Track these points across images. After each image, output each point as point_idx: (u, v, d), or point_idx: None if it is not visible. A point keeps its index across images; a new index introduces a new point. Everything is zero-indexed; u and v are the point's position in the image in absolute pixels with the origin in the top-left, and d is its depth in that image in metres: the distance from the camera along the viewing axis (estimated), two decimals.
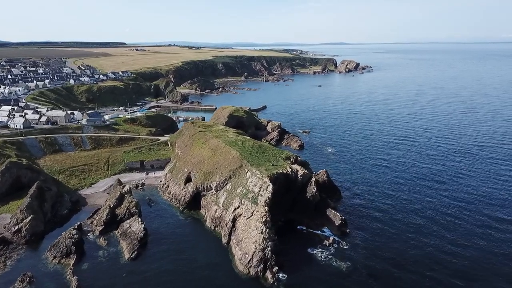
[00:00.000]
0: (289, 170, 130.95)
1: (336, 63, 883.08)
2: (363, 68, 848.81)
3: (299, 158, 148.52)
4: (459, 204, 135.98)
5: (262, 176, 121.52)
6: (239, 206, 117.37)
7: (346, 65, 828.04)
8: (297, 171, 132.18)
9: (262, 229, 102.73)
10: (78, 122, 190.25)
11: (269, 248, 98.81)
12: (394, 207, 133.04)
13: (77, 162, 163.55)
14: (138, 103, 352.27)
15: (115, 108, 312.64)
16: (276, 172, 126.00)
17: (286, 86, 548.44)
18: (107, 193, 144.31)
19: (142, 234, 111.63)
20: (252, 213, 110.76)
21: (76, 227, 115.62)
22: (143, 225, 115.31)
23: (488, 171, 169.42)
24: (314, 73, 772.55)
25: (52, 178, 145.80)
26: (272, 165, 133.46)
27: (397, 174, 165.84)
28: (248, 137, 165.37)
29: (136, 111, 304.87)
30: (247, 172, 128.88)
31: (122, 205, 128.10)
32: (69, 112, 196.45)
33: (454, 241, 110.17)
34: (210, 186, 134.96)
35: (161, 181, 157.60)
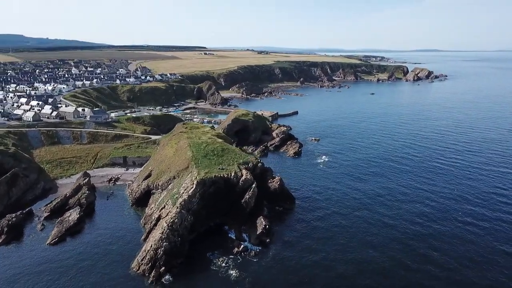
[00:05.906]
0: (232, 174, 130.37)
1: (407, 71, 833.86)
2: (436, 77, 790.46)
3: (259, 164, 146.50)
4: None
5: (195, 178, 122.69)
6: (164, 206, 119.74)
7: (417, 73, 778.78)
8: (241, 176, 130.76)
9: (164, 230, 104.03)
10: (85, 118, 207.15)
11: (163, 249, 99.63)
12: (335, 233, 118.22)
13: (68, 154, 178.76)
14: (175, 104, 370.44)
15: (151, 108, 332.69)
16: (214, 176, 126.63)
17: (337, 92, 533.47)
18: None
19: (72, 223, 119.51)
20: (167, 214, 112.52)
21: (25, 211, 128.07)
22: (78, 216, 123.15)
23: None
24: (378, 80, 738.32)
25: (37, 167, 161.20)
26: (219, 168, 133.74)
27: (368, 201, 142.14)
28: (220, 140, 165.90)
29: (170, 112, 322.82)
30: (189, 173, 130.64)
31: (76, 196, 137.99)
32: (79, 109, 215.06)
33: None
34: (158, 184, 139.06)
35: (134, 177, 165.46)
